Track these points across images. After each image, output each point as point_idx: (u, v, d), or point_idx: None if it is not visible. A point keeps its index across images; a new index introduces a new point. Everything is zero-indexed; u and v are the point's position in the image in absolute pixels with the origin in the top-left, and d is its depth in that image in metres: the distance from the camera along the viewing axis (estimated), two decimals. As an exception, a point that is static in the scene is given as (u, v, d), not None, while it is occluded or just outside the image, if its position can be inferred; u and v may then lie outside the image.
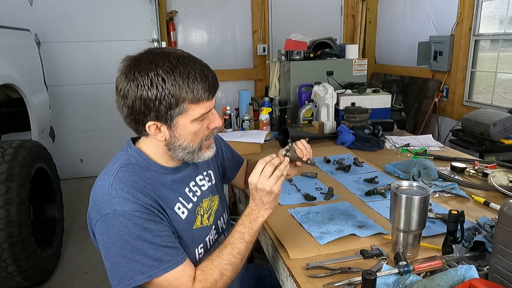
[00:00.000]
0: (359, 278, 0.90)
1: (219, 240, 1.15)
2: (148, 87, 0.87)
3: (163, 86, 0.87)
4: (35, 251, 2.23)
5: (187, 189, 1.06)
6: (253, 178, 0.97)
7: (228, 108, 2.44)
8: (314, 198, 1.39)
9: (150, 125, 0.93)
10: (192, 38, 4.58)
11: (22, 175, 2.19)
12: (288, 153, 1.09)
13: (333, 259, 1.02)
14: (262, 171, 0.97)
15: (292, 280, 0.96)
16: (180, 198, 1.02)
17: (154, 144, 0.99)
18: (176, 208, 0.99)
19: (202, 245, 1.06)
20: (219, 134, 1.32)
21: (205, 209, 1.09)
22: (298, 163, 1.15)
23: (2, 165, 2.12)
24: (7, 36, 2.76)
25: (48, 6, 3.88)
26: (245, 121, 2.39)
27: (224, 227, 1.20)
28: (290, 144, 1.13)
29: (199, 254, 1.04)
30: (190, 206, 1.04)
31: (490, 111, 2.86)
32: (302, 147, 1.13)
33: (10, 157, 2.17)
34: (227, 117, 2.42)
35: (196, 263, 0.98)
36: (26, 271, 2.15)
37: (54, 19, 3.91)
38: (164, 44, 4.27)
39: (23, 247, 2.10)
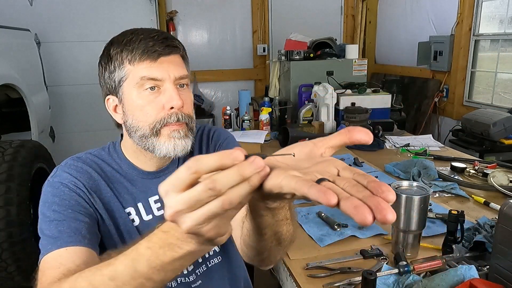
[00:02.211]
0: (359, 278, 0.90)
1: (209, 262, 0.94)
2: (102, 56, 0.86)
3: (110, 50, 0.83)
4: (35, 251, 2.22)
5: (154, 198, 0.91)
6: (168, 197, 0.53)
7: (228, 108, 2.44)
8: (314, 198, 1.39)
9: (108, 99, 0.87)
10: (192, 38, 4.58)
11: (22, 175, 2.19)
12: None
13: (333, 259, 1.02)
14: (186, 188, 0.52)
15: (292, 280, 0.96)
16: (139, 204, 0.90)
17: (126, 138, 0.90)
18: (127, 210, 0.89)
19: None
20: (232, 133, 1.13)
21: None
22: None
23: (2, 165, 2.12)
24: (7, 36, 2.76)
25: (48, 6, 3.88)
26: (245, 121, 2.39)
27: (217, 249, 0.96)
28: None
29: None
30: (148, 218, 0.89)
31: (490, 111, 2.86)
32: None
33: (10, 157, 2.17)
34: (227, 117, 2.42)
35: None
36: (26, 271, 2.15)
37: (54, 19, 3.91)
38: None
39: (23, 247, 2.10)
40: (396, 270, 0.89)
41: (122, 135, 0.94)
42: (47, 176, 0.91)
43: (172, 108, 0.81)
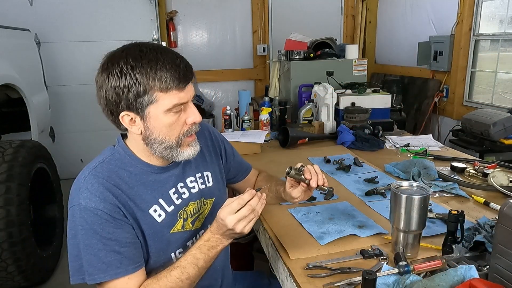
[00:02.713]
0: (359, 278, 0.90)
1: None
2: (118, 75, 0.87)
3: (131, 73, 0.86)
4: (35, 251, 2.23)
5: (172, 190, 1.02)
6: (226, 215, 0.90)
7: (228, 108, 2.44)
8: (314, 198, 1.39)
9: (124, 116, 0.91)
10: (192, 38, 4.58)
11: (22, 175, 2.19)
12: (291, 171, 1.04)
13: (333, 259, 1.02)
14: (238, 210, 0.90)
15: (292, 280, 0.96)
16: (160, 200, 0.99)
17: (135, 140, 0.97)
18: (151, 211, 0.97)
19: (181, 249, 1.03)
20: (222, 134, 1.31)
21: (189, 213, 1.05)
22: (304, 184, 1.08)
23: (2, 165, 2.12)
24: (7, 36, 2.76)
25: (48, 6, 3.88)
26: (245, 121, 2.39)
27: None
28: (300, 168, 1.07)
29: (177, 258, 1.01)
30: (170, 209, 1.01)
31: (490, 111, 2.86)
32: (312, 169, 1.06)
33: (10, 157, 2.17)
34: (227, 117, 2.42)
35: None
36: (26, 271, 2.15)
37: (54, 19, 3.91)
38: (164, 44, 4.26)
39: (23, 247, 2.10)
40: (396, 270, 0.89)
41: (122, 135, 1.01)
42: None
43: (194, 123, 0.96)
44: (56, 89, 3.96)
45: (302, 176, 1.05)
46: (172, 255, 1.02)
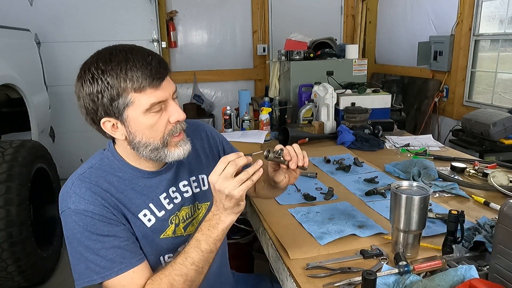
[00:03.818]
0: (359, 278, 0.90)
1: None
2: (90, 81, 0.85)
3: (102, 78, 0.84)
4: (35, 251, 2.23)
5: (163, 195, 1.00)
6: (212, 177, 0.85)
7: (228, 108, 2.44)
8: (314, 198, 1.39)
9: (105, 122, 0.90)
10: (192, 38, 4.58)
11: (22, 175, 2.19)
12: (269, 154, 0.96)
13: (333, 259, 1.02)
14: (223, 170, 0.84)
15: (292, 280, 0.96)
16: (150, 205, 0.97)
17: (122, 145, 0.95)
18: (141, 215, 0.95)
19: (171, 254, 1.01)
20: (221, 134, 1.29)
21: (182, 218, 1.03)
22: (284, 166, 0.99)
23: (2, 165, 2.12)
24: (7, 36, 2.76)
25: (48, 6, 3.88)
26: (245, 121, 2.39)
27: None
28: (279, 151, 0.98)
29: (166, 262, 1.00)
30: (161, 214, 0.98)
31: (490, 111, 2.86)
32: (291, 150, 0.98)
33: (10, 157, 2.17)
34: (227, 117, 2.42)
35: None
36: (26, 271, 2.15)
37: (54, 19, 3.91)
38: (164, 44, 4.27)
39: (23, 247, 2.10)
40: (396, 270, 0.89)
41: (113, 141, 0.99)
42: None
43: (178, 121, 0.92)
44: (56, 89, 3.95)
45: (281, 158, 0.97)
46: (161, 258, 1.00)
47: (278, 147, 0.99)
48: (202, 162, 1.12)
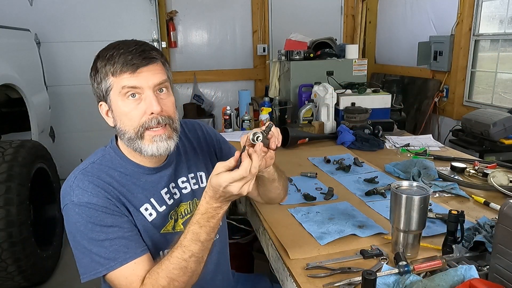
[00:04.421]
0: (359, 278, 0.90)
1: None
2: (92, 69, 0.95)
3: (97, 64, 0.93)
4: (35, 251, 2.23)
5: (164, 190, 1.02)
6: (214, 178, 0.83)
7: (228, 108, 2.44)
8: (314, 198, 1.39)
9: (101, 105, 0.97)
10: (192, 38, 4.58)
11: (22, 175, 2.19)
12: (260, 136, 0.86)
13: (333, 259, 1.02)
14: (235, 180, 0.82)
15: (292, 280, 0.96)
16: (152, 199, 0.99)
17: (121, 140, 0.99)
18: (142, 209, 0.97)
19: (169, 249, 0.97)
20: (221, 134, 1.29)
21: (181, 214, 1.05)
22: (264, 149, 0.89)
23: (2, 165, 2.12)
24: (7, 36, 2.76)
25: (48, 6, 3.88)
26: (245, 121, 2.39)
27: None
28: (269, 125, 0.91)
29: (165, 255, 0.98)
30: (162, 209, 1.00)
31: (490, 111, 2.86)
32: (275, 131, 0.93)
33: (10, 157, 2.17)
34: (227, 117, 2.42)
35: None
36: (26, 271, 2.15)
37: (54, 19, 3.91)
38: (164, 44, 4.27)
39: (23, 247, 2.10)
40: (396, 270, 0.89)
41: (116, 137, 1.02)
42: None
43: (152, 113, 0.91)
44: (56, 89, 3.96)
45: (268, 141, 0.91)
46: (161, 253, 1.01)
47: (260, 129, 0.90)
48: (200, 159, 1.14)
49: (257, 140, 0.86)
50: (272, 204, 1.27)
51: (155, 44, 4.17)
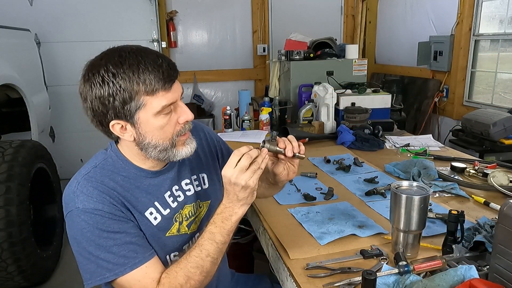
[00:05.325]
0: (359, 278, 0.90)
1: None
2: (100, 84, 0.85)
3: (114, 81, 0.84)
4: (35, 251, 2.23)
5: (167, 194, 1.01)
6: (227, 171, 0.88)
7: (228, 108, 2.44)
8: (314, 198, 1.39)
9: (114, 125, 0.90)
10: (192, 38, 4.58)
11: (22, 175, 2.19)
12: (265, 144, 0.97)
13: (333, 259, 1.02)
14: (237, 163, 0.88)
15: (292, 280, 0.96)
16: (156, 203, 0.98)
17: (127, 146, 0.96)
18: (147, 213, 0.96)
19: (177, 253, 1.02)
20: (219, 134, 1.30)
21: (185, 216, 1.05)
22: (282, 156, 1.01)
23: (2, 165, 2.12)
24: (7, 36, 2.76)
25: (48, 6, 3.88)
26: (245, 121, 2.39)
27: None
28: (272, 135, 1.02)
29: (172, 261, 1.01)
30: (166, 212, 1.00)
31: (490, 111, 2.86)
32: (285, 139, 1.01)
33: (10, 157, 2.17)
34: (227, 117, 2.42)
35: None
36: (26, 271, 2.15)
37: (54, 19, 3.91)
38: (164, 44, 4.28)
39: (23, 247, 2.10)
40: (396, 270, 0.89)
41: (115, 141, 0.99)
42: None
43: (186, 121, 0.95)
44: (56, 89, 3.96)
45: (277, 148, 0.99)
46: (167, 257, 1.01)
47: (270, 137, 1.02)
48: (202, 161, 1.14)
49: (262, 147, 0.96)
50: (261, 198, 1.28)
51: (155, 44, 4.18)
